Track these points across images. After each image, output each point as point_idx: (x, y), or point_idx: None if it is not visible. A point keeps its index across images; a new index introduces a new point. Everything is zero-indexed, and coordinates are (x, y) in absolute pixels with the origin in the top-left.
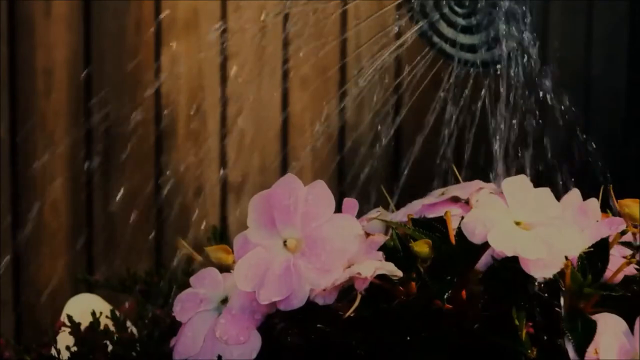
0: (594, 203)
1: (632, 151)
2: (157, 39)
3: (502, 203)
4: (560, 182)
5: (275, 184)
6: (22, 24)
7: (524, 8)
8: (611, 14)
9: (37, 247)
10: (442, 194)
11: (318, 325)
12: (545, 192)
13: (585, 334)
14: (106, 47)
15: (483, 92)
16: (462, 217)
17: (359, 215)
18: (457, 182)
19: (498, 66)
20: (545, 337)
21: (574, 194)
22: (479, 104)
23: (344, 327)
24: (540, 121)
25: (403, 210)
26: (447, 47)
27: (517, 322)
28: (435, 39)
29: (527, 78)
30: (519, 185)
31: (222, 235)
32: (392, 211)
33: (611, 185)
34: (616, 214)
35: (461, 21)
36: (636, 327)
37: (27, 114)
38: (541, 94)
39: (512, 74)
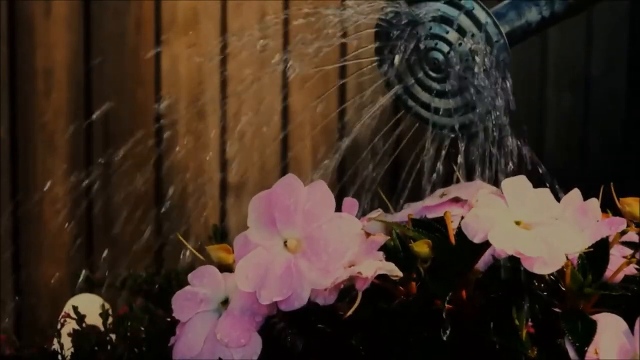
0: (594, 203)
1: (632, 152)
2: (157, 39)
3: (502, 203)
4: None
5: (275, 184)
6: (22, 24)
7: (500, 71)
8: (611, 15)
9: (37, 247)
10: (443, 194)
11: (318, 326)
12: (545, 192)
13: (585, 334)
14: (106, 47)
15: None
16: (462, 217)
17: (360, 215)
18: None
19: (474, 130)
20: (545, 337)
21: (574, 193)
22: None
23: (344, 327)
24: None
25: (403, 211)
26: (422, 111)
27: (517, 322)
28: (411, 102)
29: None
30: (518, 185)
31: (222, 234)
32: (392, 212)
33: (612, 184)
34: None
35: (436, 85)
36: (636, 327)
37: (27, 114)
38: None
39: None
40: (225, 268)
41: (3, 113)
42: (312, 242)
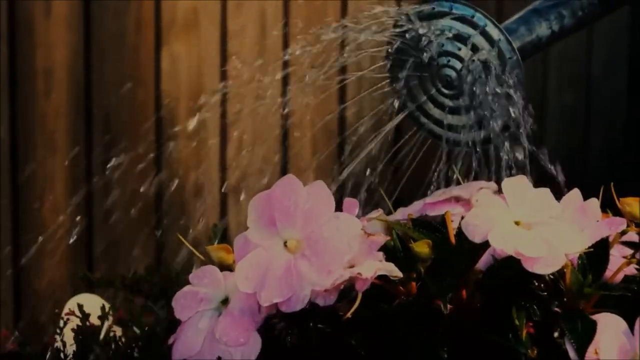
0: (594, 203)
1: (632, 152)
2: (157, 39)
3: (502, 203)
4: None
5: (275, 184)
6: (22, 24)
7: (514, 88)
8: (612, 17)
9: (37, 247)
10: (443, 194)
11: (318, 326)
12: (545, 192)
13: (585, 334)
14: (106, 47)
15: None
16: (462, 217)
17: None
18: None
19: (488, 146)
20: (545, 337)
21: (574, 193)
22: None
23: (344, 327)
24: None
25: (403, 210)
26: (435, 128)
27: (517, 322)
28: (423, 119)
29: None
30: (518, 185)
31: (222, 234)
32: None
33: (612, 184)
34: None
35: (449, 102)
36: (636, 327)
37: (27, 114)
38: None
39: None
40: (226, 268)
41: (3, 113)
42: (312, 242)
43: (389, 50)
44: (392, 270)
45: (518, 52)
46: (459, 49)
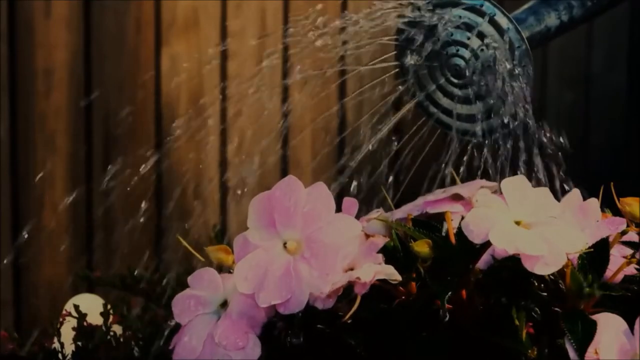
0: (593, 203)
1: (633, 149)
2: (157, 39)
3: (502, 202)
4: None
5: (275, 185)
6: (22, 24)
7: (522, 78)
8: (612, 12)
9: (37, 247)
10: (444, 193)
11: (318, 326)
12: (545, 192)
13: (585, 334)
14: (106, 47)
15: None
16: (462, 217)
17: (359, 215)
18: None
19: (496, 135)
20: (545, 337)
21: (574, 194)
22: None
23: (344, 328)
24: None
25: (404, 208)
26: (444, 117)
27: (517, 322)
28: (432, 109)
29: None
30: (518, 185)
31: (222, 234)
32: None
33: (612, 184)
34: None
35: (458, 91)
36: (636, 327)
37: (27, 114)
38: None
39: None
40: (225, 269)
41: (3, 113)
42: (311, 244)
43: (398, 39)
44: (391, 274)
45: (527, 42)
46: (468, 38)
